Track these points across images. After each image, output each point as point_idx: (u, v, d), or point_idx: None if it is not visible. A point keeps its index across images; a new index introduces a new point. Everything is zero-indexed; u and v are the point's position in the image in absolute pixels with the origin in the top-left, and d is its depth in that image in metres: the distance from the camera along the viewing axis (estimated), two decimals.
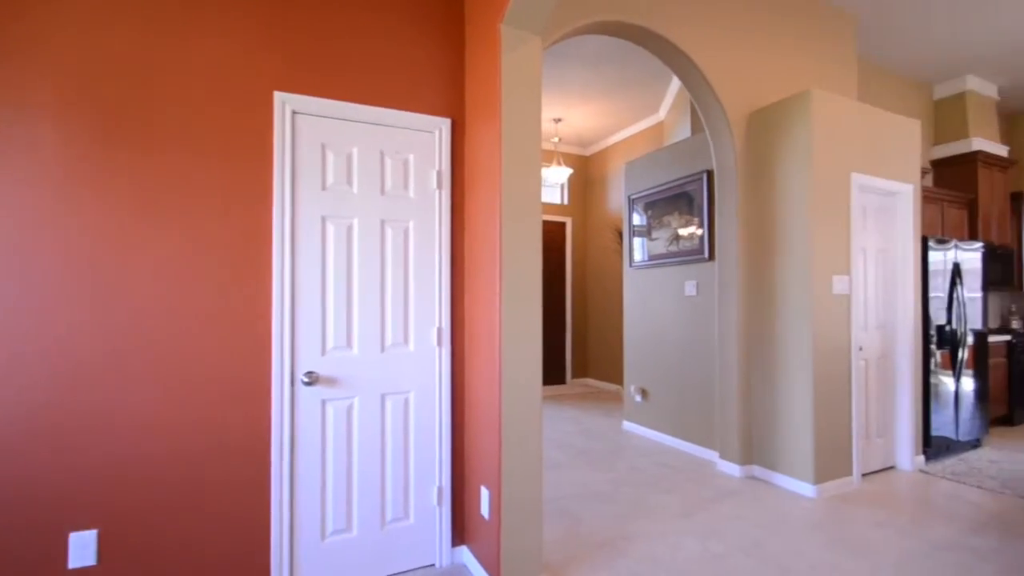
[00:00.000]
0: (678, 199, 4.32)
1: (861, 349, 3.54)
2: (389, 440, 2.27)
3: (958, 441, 4.08)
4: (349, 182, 2.21)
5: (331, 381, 2.13)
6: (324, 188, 2.15)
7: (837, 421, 3.32)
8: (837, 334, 3.33)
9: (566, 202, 7.40)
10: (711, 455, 3.95)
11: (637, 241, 4.81)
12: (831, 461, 3.28)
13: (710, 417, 3.98)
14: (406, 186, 2.33)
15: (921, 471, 3.66)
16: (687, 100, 4.62)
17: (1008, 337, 4.94)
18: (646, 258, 4.67)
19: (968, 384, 4.20)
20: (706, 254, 4.01)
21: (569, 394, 6.71)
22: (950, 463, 3.83)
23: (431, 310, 2.38)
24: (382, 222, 2.28)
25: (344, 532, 2.16)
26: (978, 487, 3.35)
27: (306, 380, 2.05)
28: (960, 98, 5.41)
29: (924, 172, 4.79)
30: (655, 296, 4.58)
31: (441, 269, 2.39)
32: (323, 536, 2.12)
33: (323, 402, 2.12)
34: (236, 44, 2.02)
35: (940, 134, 5.58)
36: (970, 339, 4.22)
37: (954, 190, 5.29)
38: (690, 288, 4.17)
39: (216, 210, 1.98)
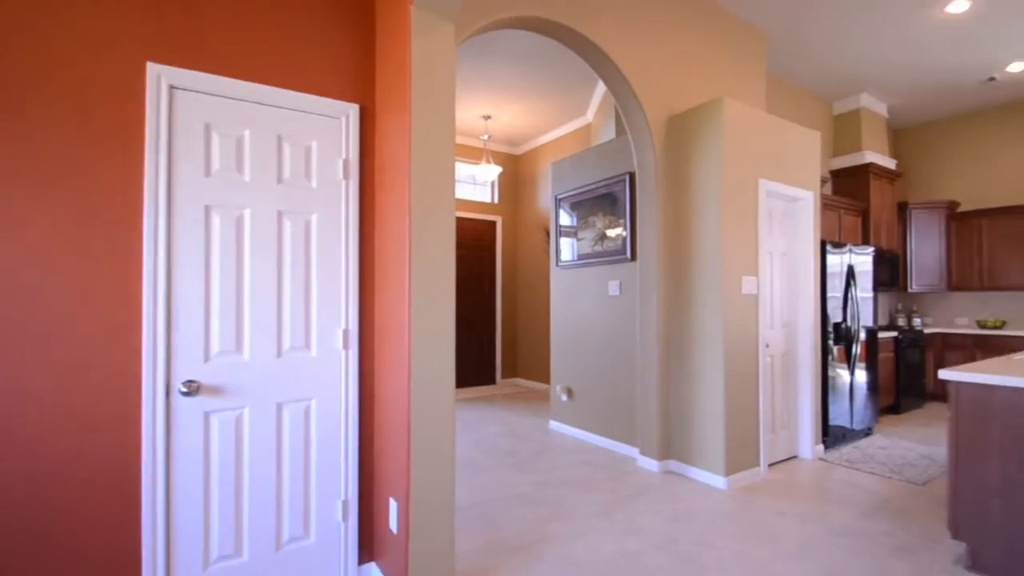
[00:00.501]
0: (603, 200, 4.36)
1: (768, 346, 3.72)
2: (287, 452, 2.07)
3: (853, 430, 4.41)
4: (239, 168, 1.99)
5: (216, 390, 1.91)
6: (209, 174, 1.93)
7: (746, 415, 3.47)
8: (746, 332, 3.48)
9: (496, 201, 7.34)
10: (632, 451, 4.01)
11: (564, 241, 4.82)
12: (740, 453, 3.41)
13: (632, 414, 4.05)
14: (308, 175, 2.15)
15: (821, 459, 3.91)
16: (612, 103, 4.69)
17: (895, 333, 5.41)
18: (573, 258, 4.69)
19: (861, 377, 4.54)
20: (628, 254, 4.07)
21: (499, 394, 6.65)
22: (846, 451, 4.12)
23: (336, 310, 2.21)
24: (279, 213, 2.08)
25: (232, 557, 1.95)
26: (870, 473, 3.61)
27: (184, 390, 1.82)
28: (855, 114, 5.88)
29: (824, 181, 5.16)
30: (580, 296, 4.60)
31: (348, 266, 2.22)
32: (206, 564, 1.90)
33: (206, 414, 1.90)
34: (102, 5, 1.76)
35: (838, 147, 6.04)
36: (863, 335, 4.57)
37: (850, 198, 5.74)
38: (614, 288, 4.23)
39: (74, 195, 1.71)
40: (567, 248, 4.76)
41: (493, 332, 7.27)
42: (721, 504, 3.06)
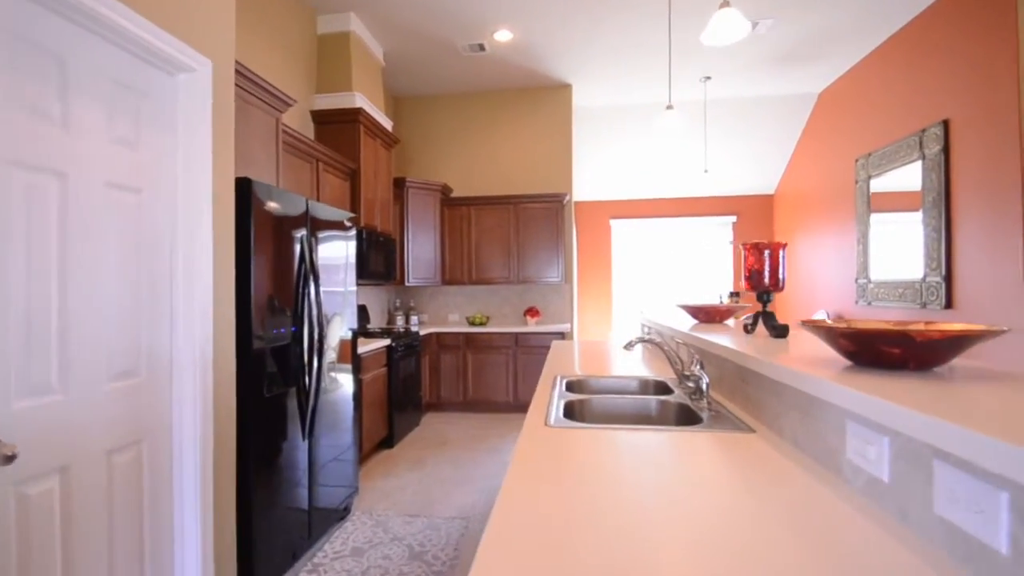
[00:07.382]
0: None
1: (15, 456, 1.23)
2: None
3: (322, 511, 2.53)
4: None
5: None
6: None
7: None
8: None
9: None
10: None
11: None
12: None
13: None
14: None
15: None
16: None
17: (388, 341, 4.03)
18: None
19: (331, 425, 2.75)
20: None
21: None
22: None
23: None
24: None
25: None
26: None
27: None
28: (344, 39, 4.23)
29: (289, 103, 3.16)
30: None
31: None
32: None
33: None
34: None
35: (324, 81, 4.27)
36: (333, 356, 2.78)
37: (335, 152, 4.03)
38: None
39: None
40: None
41: None
42: None
